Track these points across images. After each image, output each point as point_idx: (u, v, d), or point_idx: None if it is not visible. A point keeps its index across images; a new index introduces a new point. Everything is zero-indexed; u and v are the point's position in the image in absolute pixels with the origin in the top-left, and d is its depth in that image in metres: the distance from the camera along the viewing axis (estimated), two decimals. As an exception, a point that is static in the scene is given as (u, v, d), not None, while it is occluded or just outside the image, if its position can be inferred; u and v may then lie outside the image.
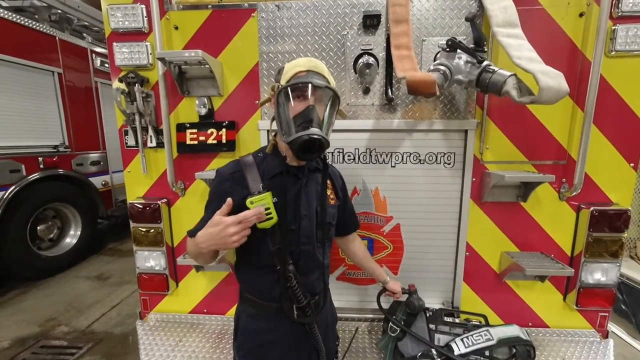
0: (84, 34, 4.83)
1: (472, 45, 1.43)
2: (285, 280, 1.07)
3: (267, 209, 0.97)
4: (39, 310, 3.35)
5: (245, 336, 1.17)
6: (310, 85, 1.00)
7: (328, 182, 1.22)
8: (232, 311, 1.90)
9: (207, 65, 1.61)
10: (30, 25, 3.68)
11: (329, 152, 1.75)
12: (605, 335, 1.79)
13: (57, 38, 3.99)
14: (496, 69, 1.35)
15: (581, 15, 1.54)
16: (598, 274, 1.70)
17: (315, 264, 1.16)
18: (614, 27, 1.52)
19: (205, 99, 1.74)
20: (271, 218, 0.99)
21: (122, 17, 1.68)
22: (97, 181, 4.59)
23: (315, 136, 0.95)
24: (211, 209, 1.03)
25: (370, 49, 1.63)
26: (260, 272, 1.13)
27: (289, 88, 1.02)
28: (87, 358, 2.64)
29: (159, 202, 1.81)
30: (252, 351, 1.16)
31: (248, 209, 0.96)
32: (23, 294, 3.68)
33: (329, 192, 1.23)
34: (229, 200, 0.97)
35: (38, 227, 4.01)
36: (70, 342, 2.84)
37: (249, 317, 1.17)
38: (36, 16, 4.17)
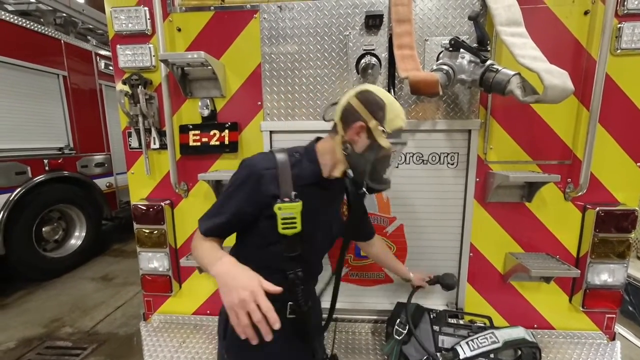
0: (89, 37, 4.87)
1: (475, 45, 1.42)
2: (293, 285, 1.07)
3: (292, 217, 0.98)
4: (44, 311, 3.38)
5: (236, 336, 1.14)
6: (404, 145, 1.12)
7: (345, 197, 1.26)
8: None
9: (209, 67, 1.61)
10: (36, 28, 3.73)
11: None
12: (612, 337, 1.76)
13: (62, 41, 4.03)
14: (500, 68, 1.34)
15: (586, 13, 1.53)
16: (605, 275, 1.67)
17: (317, 273, 1.22)
18: (619, 25, 1.50)
19: (208, 101, 1.74)
20: (295, 227, 1.00)
21: (126, 20, 1.69)
22: (102, 183, 4.62)
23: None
24: (235, 200, 1.01)
25: (373, 49, 1.63)
26: (262, 273, 1.12)
27: (392, 142, 1.04)
28: (91, 359, 2.66)
29: (162, 204, 1.82)
30: (243, 352, 1.13)
31: (271, 207, 0.97)
32: (28, 294, 3.71)
33: (344, 209, 1.27)
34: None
35: (43, 229, 4.04)
36: (75, 343, 2.86)
37: None
38: (41, 19, 4.22)
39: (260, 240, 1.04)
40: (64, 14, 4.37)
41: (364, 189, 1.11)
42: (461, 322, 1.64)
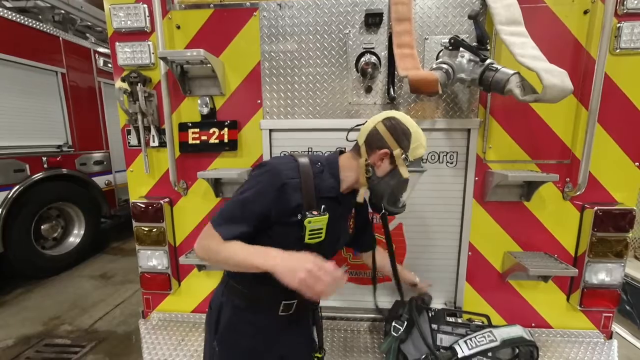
0: (87, 34, 4.85)
1: (475, 44, 1.42)
2: None
3: (319, 229, 1.04)
4: (43, 308, 3.38)
5: (230, 329, 1.15)
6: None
7: (353, 212, 1.29)
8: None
9: (209, 65, 1.61)
10: (34, 25, 3.70)
11: (330, 152, 1.75)
12: (610, 336, 1.77)
13: (60, 38, 4.01)
14: (499, 67, 1.34)
15: (585, 12, 1.53)
16: (602, 274, 1.68)
17: None
18: (618, 25, 1.50)
19: (207, 99, 1.74)
20: (320, 237, 1.06)
21: (125, 17, 1.69)
22: (101, 181, 4.61)
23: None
24: (259, 206, 0.99)
25: (373, 48, 1.63)
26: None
27: (412, 170, 1.10)
28: (90, 357, 2.66)
29: (162, 202, 1.82)
30: (236, 344, 1.14)
31: (296, 217, 1.02)
32: (27, 292, 3.71)
33: (351, 222, 1.30)
34: None
35: (42, 226, 4.04)
36: (74, 341, 2.86)
37: (234, 309, 1.15)
38: (40, 17, 4.20)
39: (270, 244, 1.03)
40: (63, 11, 4.35)
41: (384, 211, 1.16)
42: (459, 320, 1.65)
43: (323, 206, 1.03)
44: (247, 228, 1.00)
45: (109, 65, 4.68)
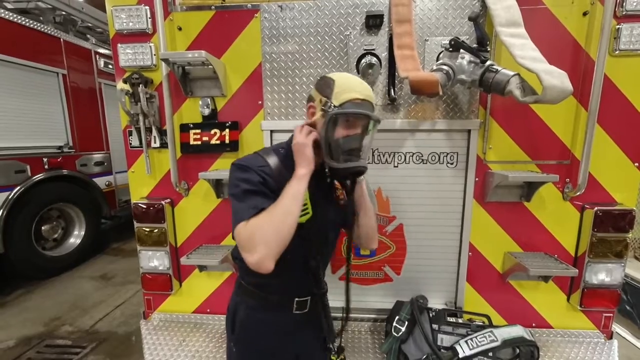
0: (88, 35, 4.86)
1: (475, 45, 1.43)
2: (316, 270, 1.12)
3: (304, 204, 0.99)
4: (43, 309, 3.38)
5: (245, 329, 1.16)
6: (366, 117, 1.03)
7: (337, 183, 1.22)
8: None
9: (210, 66, 1.62)
10: (35, 27, 3.72)
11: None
12: (610, 336, 1.78)
13: (61, 39, 4.02)
14: (499, 68, 1.35)
15: (585, 14, 1.54)
16: (602, 274, 1.69)
17: (326, 263, 1.26)
18: (618, 26, 1.51)
19: (209, 100, 1.75)
20: (307, 213, 1.02)
21: (127, 19, 1.69)
22: (101, 182, 4.62)
23: (362, 168, 1.03)
24: (260, 195, 0.97)
25: (373, 49, 1.64)
26: (278, 266, 1.00)
27: (346, 115, 1.00)
28: (91, 357, 2.66)
29: (163, 202, 1.82)
30: (252, 344, 1.16)
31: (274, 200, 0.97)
32: (28, 293, 3.71)
33: (339, 193, 1.23)
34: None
35: (43, 227, 4.04)
36: (75, 342, 2.86)
37: (248, 309, 1.15)
38: (41, 18, 4.21)
39: None
40: (64, 12, 4.37)
41: (327, 174, 1.10)
42: (460, 320, 1.66)
43: None
44: (263, 202, 0.96)
45: (110, 66, 4.70)
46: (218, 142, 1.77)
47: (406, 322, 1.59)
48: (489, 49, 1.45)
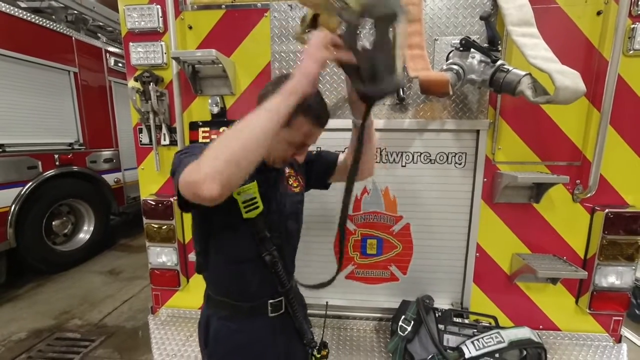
0: (98, 34, 4.92)
1: (485, 45, 1.42)
2: (273, 266, 1.05)
3: (252, 198, 0.97)
4: (53, 303, 3.45)
5: (219, 341, 1.10)
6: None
7: (288, 171, 1.18)
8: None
9: (220, 65, 1.63)
10: (48, 25, 3.78)
11: (340, 151, 1.75)
12: (619, 339, 1.76)
13: (73, 38, 4.08)
14: (510, 68, 1.34)
15: (599, 13, 1.52)
16: (612, 277, 1.67)
17: (291, 259, 1.18)
18: (632, 26, 1.49)
19: (218, 98, 1.76)
20: (257, 207, 0.99)
21: (139, 18, 1.72)
22: (110, 178, 4.68)
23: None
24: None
25: (382, 49, 1.63)
26: (237, 267, 1.06)
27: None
28: (100, 351, 2.71)
29: (172, 199, 1.84)
30: (227, 356, 1.10)
31: (233, 198, 0.93)
32: (39, 287, 3.79)
33: (291, 181, 1.19)
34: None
35: (53, 223, 4.11)
36: (84, 335, 2.91)
37: (220, 320, 1.09)
38: (53, 17, 4.27)
39: (223, 232, 1.01)
40: (75, 11, 4.42)
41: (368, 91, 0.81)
42: (466, 321, 1.65)
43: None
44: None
45: (119, 64, 4.75)
46: (227, 140, 1.79)
47: (412, 322, 1.59)
48: (500, 49, 1.44)
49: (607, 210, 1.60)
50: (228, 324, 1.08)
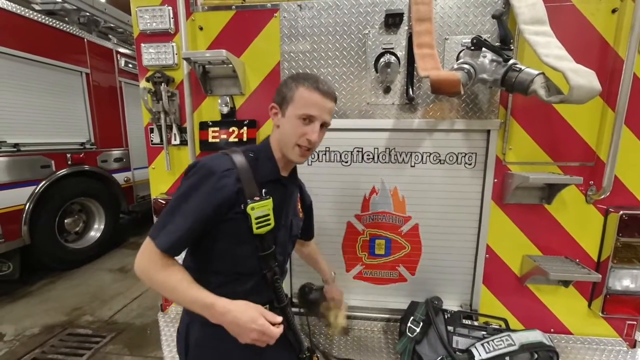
0: (110, 36, 5.01)
1: (497, 44, 1.40)
2: (273, 282, 1.07)
3: (266, 215, 0.99)
4: (65, 299, 3.52)
5: (201, 348, 1.06)
6: None
7: (299, 195, 1.26)
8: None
9: (230, 65, 1.64)
10: (61, 27, 3.86)
11: (347, 152, 1.76)
12: (633, 344, 1.71)
13: (85, 39, 4.16)
14: (523, 67, 1.32)
15: (614, 11, 1.49)
16: (627, 280, 1.63)
17: (284, 274, 1.19)
18: (649, 24, 1.45)
19: (228, 98, 1.78)
20: (269, 224, 1.00)
21: (150, 19, 1.74)
22: (120, 177, 4.75)
23: None
24: (194, 204, 0.91)
25: (392, 48, 1.63)
26: (233, 277, 1.04)
27: None
28: (110, 347, 2.76)
29: (182, 198, 1.86)
30: None
31: (239, 207, 0.95)
32: (51, 283, 3.87)
33: (299, 205, 1.26)
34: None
35: (65, 220, 4.20)
36: (95, 331, 2.97)
37: (204, 327, 1.03)
38: (66, 19, 4.36)
39: (225, 246, 1.00)
40: (87, 13, 4.50)
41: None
42: (476, 323, 1.63)
43: (264, 190, 0.99)
44: (183, 230, 0.91)
45: (130, 65, 4.83)
46: (236, 139, 1.80)
47: (421, 323, 1.58)
48: (512, 48, 1.42)
49: (621, 212, 1.57)
50: (210, 330, 0.99)
